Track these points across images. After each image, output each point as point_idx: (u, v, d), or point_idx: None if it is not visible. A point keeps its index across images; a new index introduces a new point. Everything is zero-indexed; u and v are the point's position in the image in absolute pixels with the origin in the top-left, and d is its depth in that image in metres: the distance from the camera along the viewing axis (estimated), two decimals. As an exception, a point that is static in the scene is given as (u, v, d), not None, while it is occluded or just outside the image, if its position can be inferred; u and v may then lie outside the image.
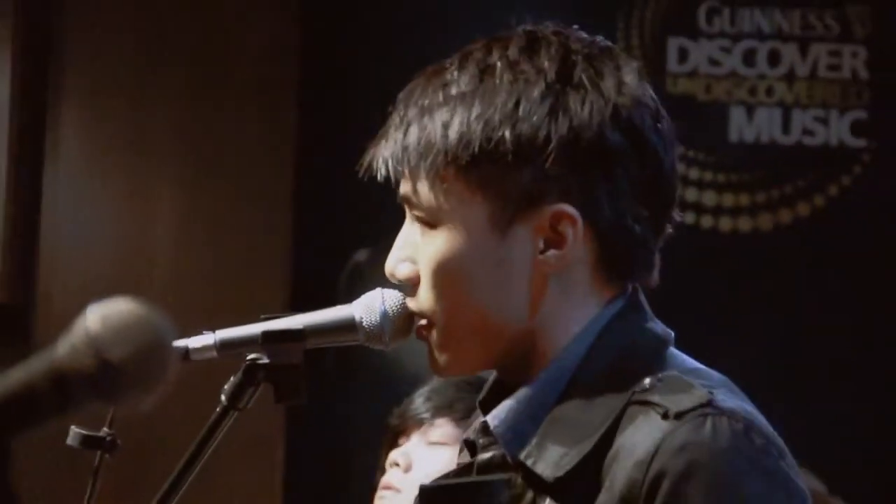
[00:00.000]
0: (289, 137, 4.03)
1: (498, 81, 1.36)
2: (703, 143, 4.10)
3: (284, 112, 4.04)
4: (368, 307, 1.45)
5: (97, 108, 4.07)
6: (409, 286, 1.40)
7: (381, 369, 3.79)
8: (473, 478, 1.41)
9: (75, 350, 0.91)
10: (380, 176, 1.39)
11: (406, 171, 1.37)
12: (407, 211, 1.41)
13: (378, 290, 1.44)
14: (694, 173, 4.09)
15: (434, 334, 1.39)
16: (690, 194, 4.06)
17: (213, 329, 1.44)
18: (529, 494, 1.34)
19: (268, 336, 1.43)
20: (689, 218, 4.01)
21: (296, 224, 4.04)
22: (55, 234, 4.02)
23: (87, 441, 1.40)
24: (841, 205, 4.07)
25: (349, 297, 1.48)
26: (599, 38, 1.40)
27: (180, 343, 1.35)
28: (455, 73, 1.38)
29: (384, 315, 1.44)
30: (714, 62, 4.17)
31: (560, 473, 1.29)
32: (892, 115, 4.15)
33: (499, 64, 1.36)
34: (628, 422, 1.29)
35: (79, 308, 0.96)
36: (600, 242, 1.37)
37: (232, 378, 1.43)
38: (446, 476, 1.45)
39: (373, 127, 1.49)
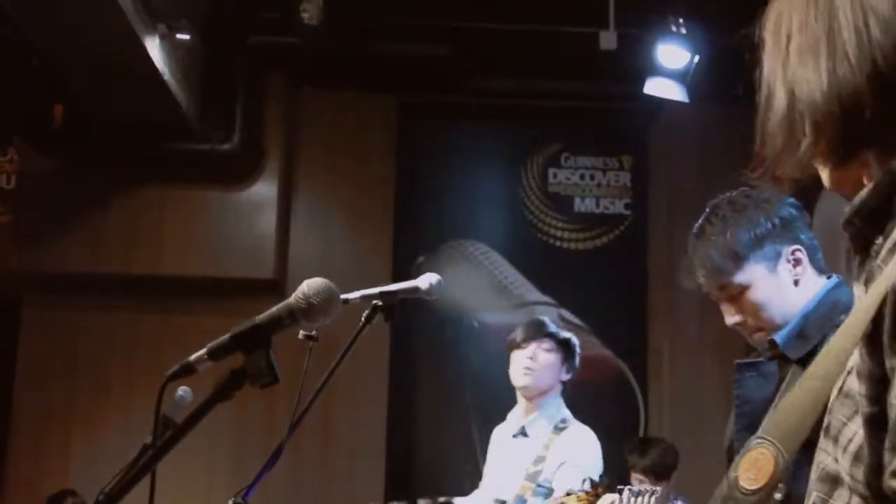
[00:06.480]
0: (390, 206, 6.48)
1: (737, 215, 2.09)
2: (564, 212, 6.62)
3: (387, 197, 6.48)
4: (423, 281, 2.20)
5: (318, 188, 6.72)
6: (744, 321, 2.11)
7: (441, 311, 5.56)
8: (765, 360, 2.06)
9: (297, 298, 1.36)
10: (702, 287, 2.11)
11: (724, 278, 2.08)
12: (721, 297, 2.11)
13: (429, 274, 2.19)
14: (560, 224, 6.59)
15: (759, 328, 2.10)
16: (558, 233, 6.57)
17: (357, 290, 2.19)
18: (789, 367, 2.01)
19: (381, 293, 2.12)
20: (559, 244, 6.58)
21: (395, 247, 6.51)
22: (298, 244, 6.53)
23: (308, 337, 1.94)
24: (620, 238, 6.67)
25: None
26: (754, 194, 2.09)
27: (343, 296, 1.69)
28: (709, 227, 2.11)
29: (430, 285, 2.25)
30: (568, 178, 6.63)
31: (800, 355, 1.99)
32: (641, 202, 6.56)
33: (727, 213, 2.10)
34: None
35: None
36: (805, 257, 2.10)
37: (365, 311, 2.15)
38: (754, 359, 2.06)
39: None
